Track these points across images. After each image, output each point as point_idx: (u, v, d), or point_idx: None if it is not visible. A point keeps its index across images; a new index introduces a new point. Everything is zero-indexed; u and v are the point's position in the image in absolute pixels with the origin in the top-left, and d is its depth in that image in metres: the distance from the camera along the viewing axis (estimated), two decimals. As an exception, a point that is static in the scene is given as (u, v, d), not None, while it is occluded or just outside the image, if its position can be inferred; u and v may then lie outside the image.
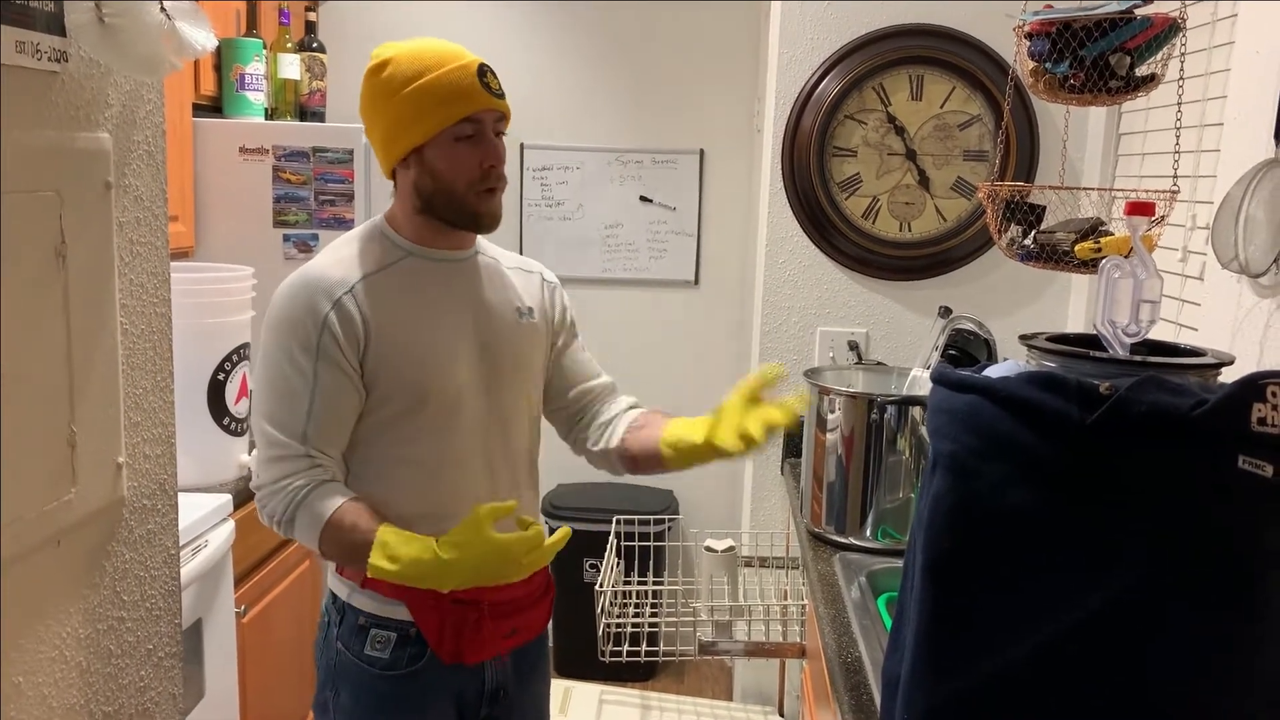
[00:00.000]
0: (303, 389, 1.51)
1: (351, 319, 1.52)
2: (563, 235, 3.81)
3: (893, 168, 2.70)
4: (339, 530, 1.47)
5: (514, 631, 1.68)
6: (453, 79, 1.51)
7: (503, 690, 1.68)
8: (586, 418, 1.80)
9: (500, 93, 1.56)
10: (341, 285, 1.53)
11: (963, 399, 0.97)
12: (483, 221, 1.59)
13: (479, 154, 1.54)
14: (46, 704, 1.16)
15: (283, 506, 1.50)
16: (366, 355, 1.53)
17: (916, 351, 2.67)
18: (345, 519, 1.47)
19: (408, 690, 1.60)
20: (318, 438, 1.51)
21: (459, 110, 1.51)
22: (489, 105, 1.53)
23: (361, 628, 1.60)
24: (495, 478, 1.63)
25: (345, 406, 1.54)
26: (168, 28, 1.18)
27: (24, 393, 1.08)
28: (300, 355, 1.51)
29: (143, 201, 1.32)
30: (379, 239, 1.62)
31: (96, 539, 1.24)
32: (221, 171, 2.99)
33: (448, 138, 1.52)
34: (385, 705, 1.60)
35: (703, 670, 3.80)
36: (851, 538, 2.10)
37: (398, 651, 1.59)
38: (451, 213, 1.57)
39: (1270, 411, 0.86)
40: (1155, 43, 1.65)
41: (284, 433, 1.51)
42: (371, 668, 1.59)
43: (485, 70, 1.54)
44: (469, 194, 1.55)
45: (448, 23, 3.67)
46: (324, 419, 1.52)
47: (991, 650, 0.94)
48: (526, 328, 1.68)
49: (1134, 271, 1.08)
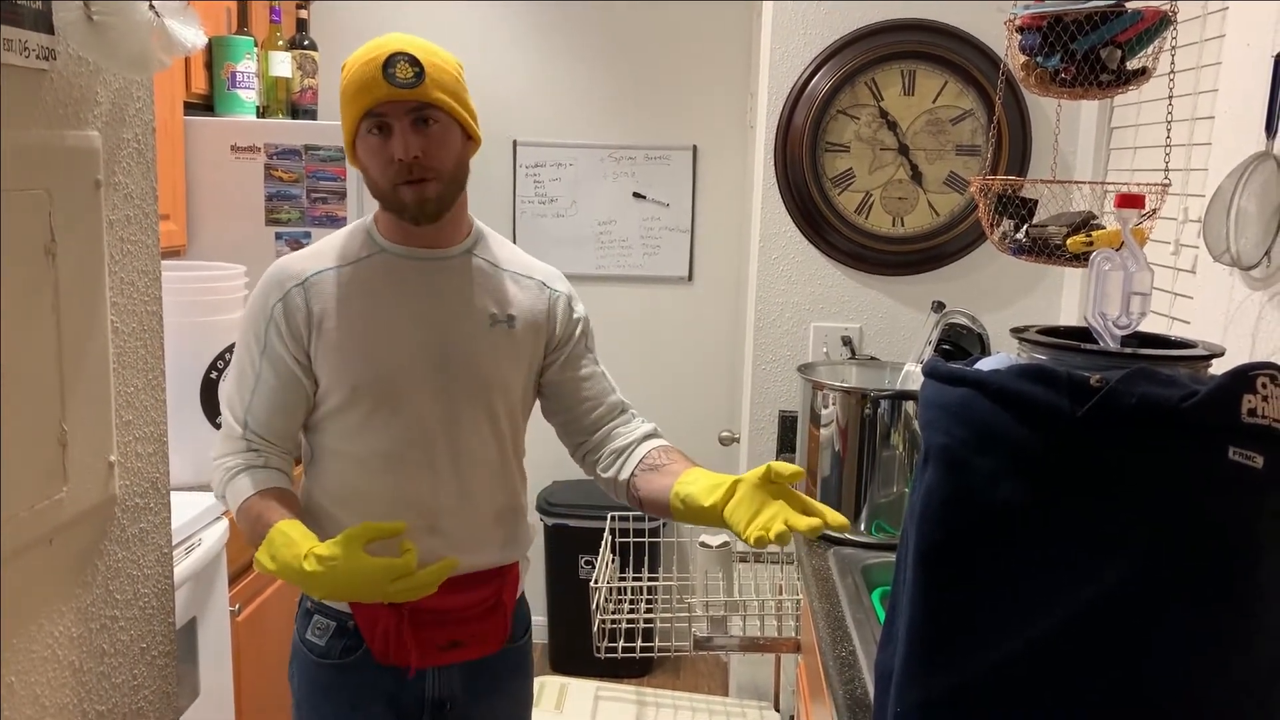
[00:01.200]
0: (249, 377, 1.58)
1: (296, 310, 1.55)
2: (556, 232, 3.81)
3: (885, 163, 2.70)
4: (247, 516, 1.52)
5: (455, 644, 1.62)
6: (358, 75, 1.49)
7: (448, 703, 1.65)
8: (595, 440, 1.70)
9: (410, 83, 1.46)
10: (296, 278, 1.57)
11: (954, 392, 0.97)
12: (408, 213, 1.53)
13: (388, 148, 1.50)
14: (39, 703, 1.16)
15: (218, 483, 1.58)
16: (312, 346, 1.56)
17: (910, 346, 2.67)
18: (254, 507, 1.51)
19: (340, 681, 1.61)
20: (256, 425, 1.58)
21: (360, 105, 1.49)
22: (390, 97, 1.46)
23: (308, 611, 1.64)
24: (438, 483, 1.59)
25: (286, 398, 1.57)
26: (156, 25, 1.17)
27: (14, 391, 1.07)
28: (252, 344, 1.58)
29: (133, 199, 1.32)
30: (360, 234, 1.63)
31: (89, 538, 1.24)
32: (213, 170, 2.98)
33: (363, 133, 1.51)
34: (320, 692, 1.63)
35: (698, 666, 3.81)
36: (845, 532, 2.10)
37: (333, 641, 1.61)
38: (387, 206, 1.56)
39: (1260, 403, 0.86)
40: (1146, 36, 1.65)
41: (231, 414, 1.59)
42: (311, 653, 1.63)
43: (396, 60, 1.46)
44: (389, 188, 1.52)
45: (437, 19, 3.67)
46: (261, 410, 1.57)
47: (984, 643, 0.94)
48: (497, 335, 1.61)
49: (1124, 264, 1.08)
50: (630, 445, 1.68)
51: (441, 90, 1.50)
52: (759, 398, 2.83)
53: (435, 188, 1.53)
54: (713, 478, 1.51)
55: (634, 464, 1.65)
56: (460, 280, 1.61)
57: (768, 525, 1.36)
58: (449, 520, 1.60)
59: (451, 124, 1.53)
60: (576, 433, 1.72)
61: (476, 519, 1.63)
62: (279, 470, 1.58)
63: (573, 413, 1.71)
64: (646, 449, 1.66)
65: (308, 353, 1.56)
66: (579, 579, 3.46)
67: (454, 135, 1.54)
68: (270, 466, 1.57)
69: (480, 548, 1.64)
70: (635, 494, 1.63)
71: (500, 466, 1.66)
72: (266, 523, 1.46)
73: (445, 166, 1.53)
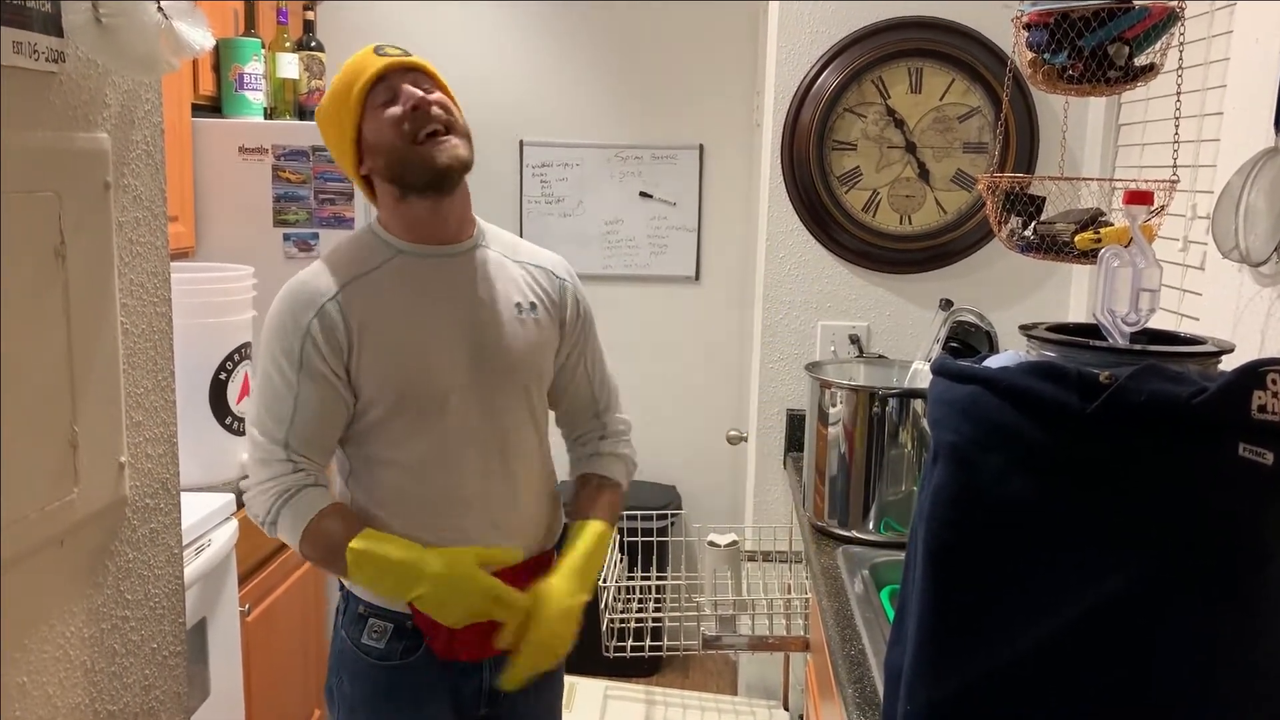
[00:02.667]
0: (287, 397, 1.54)
1: (335, 326, 1.53)
2: (562, 232, 3.81)
3: (892, 161, 2.70)
4: (317, 536, 1.53)
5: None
6: (351, 66, 1.57)
7: (502, 692, 1.67)
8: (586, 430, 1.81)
9: (401, 53, 1.58)
10: (326, 293, 1.54)
11: (963, 390, 0.97)
12: (442, 171, 1.54)
13: (400, 105, 1.53)
14: (51, 703, 1.16)
15: (265, 508, 1.55)
16: (352, 360, 1.54)
17: (918, 344, 2.67)
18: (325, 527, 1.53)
19: (403, 682, 1.61)
20: (300, 445, 1.55)
21: (364, 80, 1.54)
22: (388, 65, 1.55)
23: (361, 616, 1.62)
24: (490, 477, 1.61)
25: (328, 414, 1.56)
26: (165, 27, 1.18)
27: (25, 393, 1.08)
28: (285, 364, 1.54)
29: (142, 201, 1.32)
30: (370, 240, 1.62)
31: (99, 538, 1.25)
32: (221, 171, 2.99)
33: (369, 110, 1.54)
34: (381, 695, 1.61)
35: (707, 665, 3.81)
36: (854, 531, 2.10)
37: (393, 643, 1.60)
38: (414, 175, 1.55)
39: (1270, 399, 0.85)
40: (1154, 32, 1.64)
41: (268, 438, 1.55)
42: (368, 656, 1.61)
43: (381, 47, 1.58)
44: (412, 148, 1.53)
45: (444, 20, 3.66)
46: (305, 428, 1.54)
47: (993, 642, 0.94)
48: (526, 323, 1.64)
49: (1133, 260, 1.08)
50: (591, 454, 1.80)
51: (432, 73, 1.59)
52: (767, 397, 2.83)
53: (459, 143, 1.56)
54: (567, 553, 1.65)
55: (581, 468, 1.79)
56: (479, 274, 1.63)
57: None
58: (505, 513, 1.63)
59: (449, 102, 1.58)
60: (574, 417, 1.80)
61: (529, 507, 1.67)
62: (327, 488, 1.58)
63: (569, 406, 1.78)
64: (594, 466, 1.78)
65: (347, 367, 1.55)
66: (587, 578, 3.45)
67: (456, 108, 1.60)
68: (320, 484, 1.57)
69: (535, 534, 1.69)
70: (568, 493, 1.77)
71: (540, 453, 1.71)
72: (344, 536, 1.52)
73: (457, 120, 1.57)
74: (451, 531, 1.58)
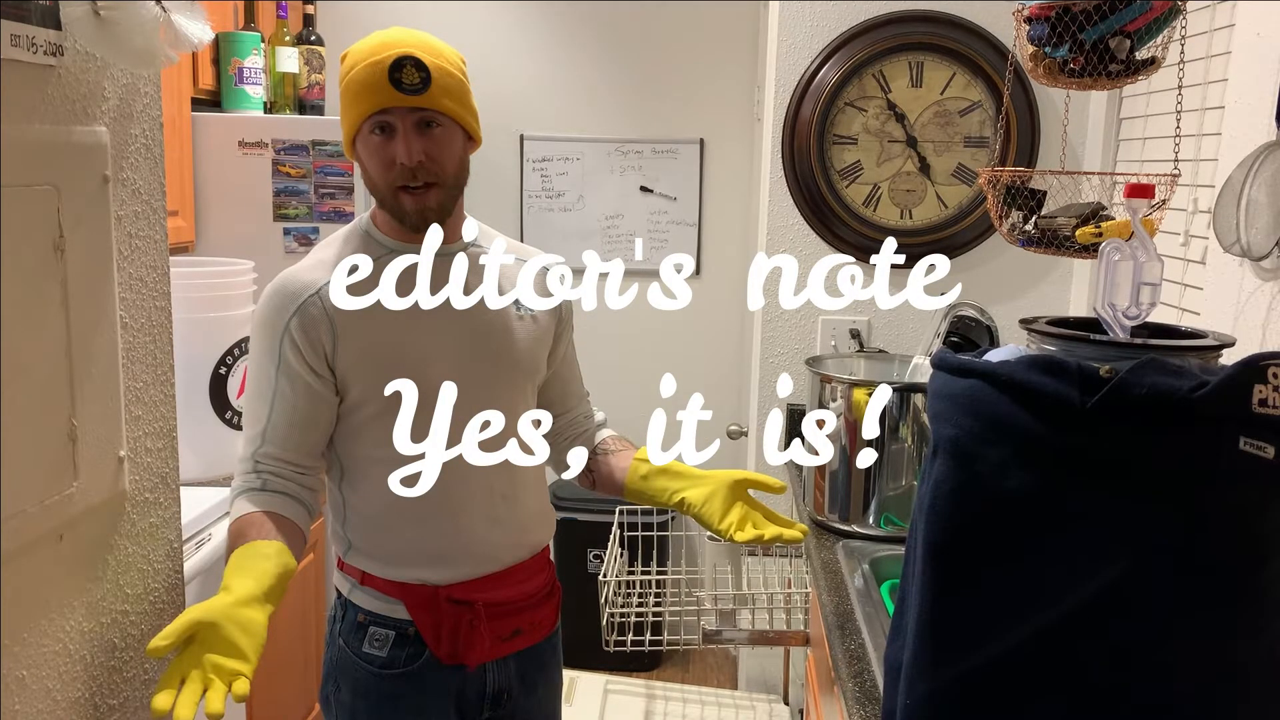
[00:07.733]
0: (266, 393, 1.53)
1: (316, 322, 1.50)
2: (563, 226, 3.81)
3: (893, 155, 2.69)
4: (228, 538, 1.50)
5: (517, 633, 1.65)
6: (363, 75, 1.46)
7: (505, 694, 1.66)
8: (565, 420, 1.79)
9: (416, 88, 1.45)
10: (309, 288, 1.52)
11: (963, 384, 0.97)
12: (408, 220, 1.52)
13: (390, 151, 1.48)
14: (51, 698, 1.16)
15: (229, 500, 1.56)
16: (336, 357, 1.52)
17: (918, 339, 2.67)
18: (233, 529, 1.49)
19: (406, 689, 1.59)
20: (274, 442, 1.53)
21: (365, 108, 1.47)
22: (395, 103, 1.45)
23: (360, 624, 1.60)
24: (487, 480, 1.60)
25: (308, 413, 1.53)
26: (163, 21, 1.17)
27: (24, 387, 1.08)
28: (265, 360, 1.53)
29: (141, 195, 1.32)
30: (362, 237, 1.59)
31: (98, 532, 1.24)
32: (221, 165, 2.98)
33: (365, 132, 1.49)
34: (384, 703, 1.59)
35: (707, 659, 3.81)
36: (854, 525, 2.10)
37: (395, 650, 1.58)
38: (386, 208, 1.54)
39: (1271, 393, 0.85)
40: (1155, 25, 1.64)
41: (246, 434, 1.56)
42: (370, 665, 1.58)
43: (402, 64, 1.45)
44: (389, 191, 1.51)
45: (445, 13, 3.66)
46: (281, 426, 1.53)
47: (992, 635, 0.94)
48: (524, 321, 1.63)
49: (1134, 254, 1.08)
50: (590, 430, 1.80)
51: (447, 96, 1.49)
52: (767, 391, 2.83)
53: (437, 195, 1.52)
54: (682, 465, 1.69)
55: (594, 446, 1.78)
56: (474, 273, 1.61)
57: (742, 524, 1.59)
58: (505, 508, 1.62)
59: (455, 128, 1.52)
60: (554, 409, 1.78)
61: (527, 502, 1.67)
62: (279, 493, 1.53)
63: (560, 391, 1.78)
64: (604, 435, 1.80)
65: (330, 365, 1.52)
66: (588, 573, 3.46)
67: (457, 139, 1.53)
68: (269, 490, 1.52)
69: (533, 528, 1.69)
70: (590, 474, 1.77)
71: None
72: (229, 548, 1.46)
73: (447, 170, 1.52)
74: (450, 530, 1.58)
